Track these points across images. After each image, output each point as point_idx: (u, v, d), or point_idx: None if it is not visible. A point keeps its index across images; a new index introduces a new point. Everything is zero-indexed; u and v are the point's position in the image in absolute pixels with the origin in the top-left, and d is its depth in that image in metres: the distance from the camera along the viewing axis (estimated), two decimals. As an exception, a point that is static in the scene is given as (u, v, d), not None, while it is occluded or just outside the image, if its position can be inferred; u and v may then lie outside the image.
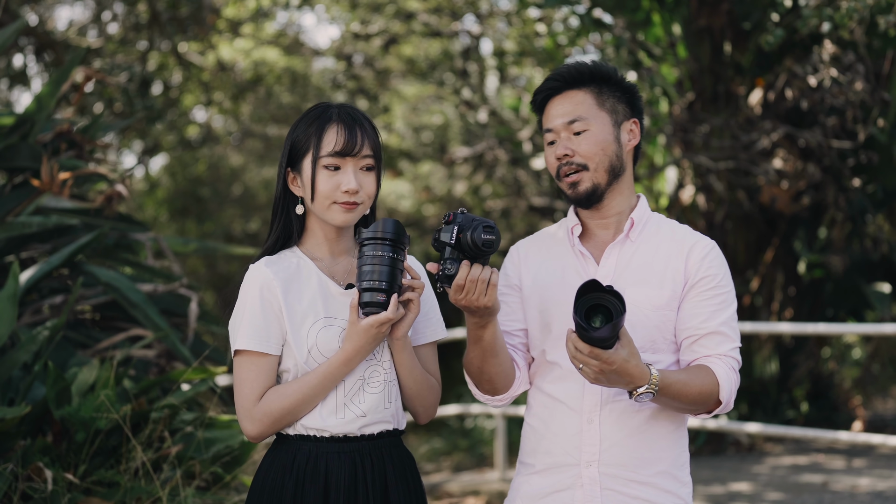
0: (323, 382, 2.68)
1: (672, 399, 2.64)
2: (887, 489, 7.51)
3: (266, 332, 2.71)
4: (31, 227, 5.37)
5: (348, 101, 14.20)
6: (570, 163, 2.76)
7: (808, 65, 9.45)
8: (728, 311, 2.76)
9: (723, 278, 2.77)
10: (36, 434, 4.55)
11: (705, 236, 2.83)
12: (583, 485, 2.73)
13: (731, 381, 2.72)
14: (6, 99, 13.02)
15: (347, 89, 14.29)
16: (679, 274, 2.76)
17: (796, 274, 10.74)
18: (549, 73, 2.88)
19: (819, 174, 9.90)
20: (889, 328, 7.06)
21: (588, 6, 10.04)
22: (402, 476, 2.77)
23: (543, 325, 2.80)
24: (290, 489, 2.70)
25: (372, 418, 2.73)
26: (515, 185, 13.03)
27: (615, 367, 2.51)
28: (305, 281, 2.75)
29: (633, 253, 2.79)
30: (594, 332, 2.46)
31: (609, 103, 2.79)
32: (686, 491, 2.79)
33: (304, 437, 2.73)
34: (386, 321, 2.63)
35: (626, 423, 2.73)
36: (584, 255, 2.81)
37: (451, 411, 9.78)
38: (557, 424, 2.77)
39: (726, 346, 2.74)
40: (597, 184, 2.76)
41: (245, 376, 2.72)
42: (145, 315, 5.37)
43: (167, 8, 11.90)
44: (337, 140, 2.70)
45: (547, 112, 2.83)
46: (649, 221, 2.84)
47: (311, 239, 2.81)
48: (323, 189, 2.71)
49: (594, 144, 2.75)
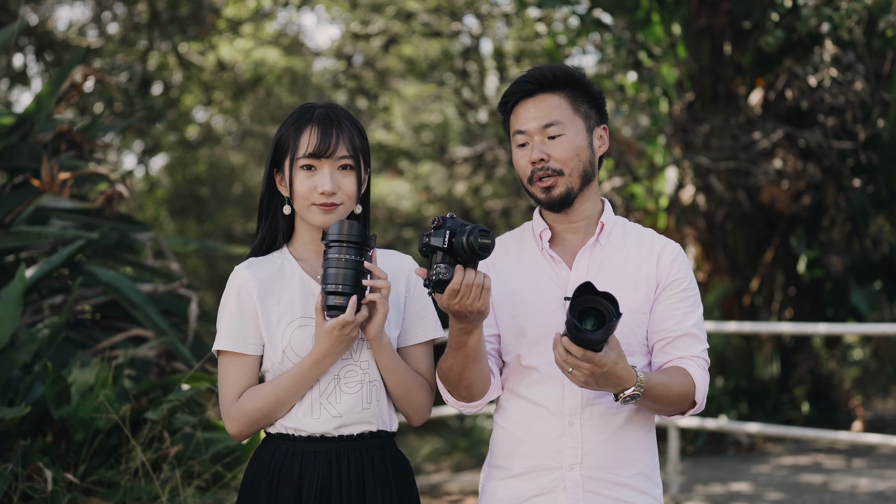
0: (295, 384, 2.70)
1: (653, 401, 2.66)
2: (887, 489, 7.51)
3: (243, 333, 2.74)
4: (47, 238, 5.37)
5: (348, 102, 14.23)
6: (545, 168, 2.76)
7: (808, 65, 9.45)
8: (697, 312, 2.80)
9: (691, 281, 2.81)
10: (36, 434, 4.55)
11: (671, 240, 2.86)
12: (565, 488, 2.73)
13: (705, 381, 2.76)
14: (6, 99, 13.02)
15: (347, 89, 14.30)
16: (651, 276, 2.78)
17: (796, 274, 10.74)
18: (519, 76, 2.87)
19: (819, 174, 9.90)
20: (889, 328, 7.06)
21: (588, 6, 10.04)
22: (385, 480, 2.74)
23: (517, 329, 2.79)
24: (265, 486, 2.73)
25: (349, 419, 2.73)
26: (515, 185, 13.03)
27: (605, 370, 2.52)
28: (287, 281, 2.77)
29: (603, 257, 2.80)
30: (589, 334, 2.46)
31: (583, 108, 2.79)
32: (658, 492, 2.82)
33: (283, 435, 2.75)
34: (345, 324, 2.62)
35: (606, 425, 2.74)
36: (555, 260, 2.81)
37: (451, 411, 9.78)
38: (537, 428, 2.76)
39: (698, 347, 2.77)
40: (570, 188, 2.77)
41: (224, 376, 2.76)
42: (145, 315, 5.37)
43: (167, 8, 11.91)
44: (310, 141, 2.71)
45: (518, 113, 2.80)
46: (616, 225, 2.85)
47: (298, 239, 2.82)
48: (300, 190, 2.72)
49: (570, 150, 2.76)
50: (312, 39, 22.89)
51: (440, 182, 15.29)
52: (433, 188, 15.25)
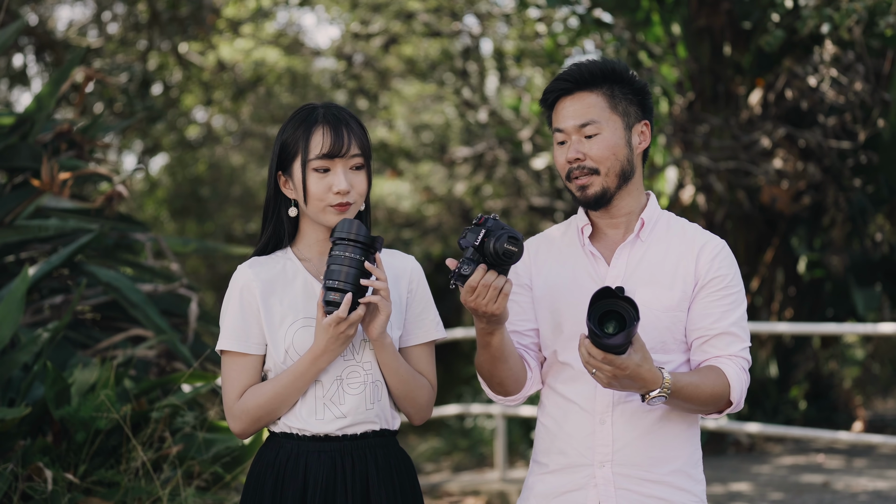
0: (294, 382, 2.71)
1: (684, 401, 2.65)
2: (887, 489, 7.51)
3: (245, 333, 2.75)
4: (47, 230, 5.37)
5: (348, 101, 14.23)
6: (581, 166, 2.74)
7: (808, 65, 9.45)
8: (738, 311, 2.76)
9: (733, 278, 2.77)
10: (36, 434, 4.55)
11: (716, 236, 2.82)
12: (596, 484, 2.74)
13: (742, 381, 2.72)
14: (6, 99, 13.01)
15: (347, 89, 14.29)
16: (690, 274, 2.76)
17: (796, 274, 10.74)
18: (559, 72, 2.84)
19: (819, 174, 9.90)
20: (889, 328, 7.06)
21: (588, 6, 10.04)
22: (388, 478, 2.76)
23: (555, 325, 2.80)
24: (270, 486, 2.74)
25: (354, 419, 2.74)
26: (515, 185, 13.03)
27: (628, 373, 2.52)
28: (290, 281, 2.78)
29: (643, 253, 2.78)
30: (608, 339, 2.47)
31: (622, 106, 2.77)
32: (700, 488, 2.81)
33: (287, 434, 2.76)
34: (338, 320, 2.63)
35: (638, 423, 2.74)
36: (595, 256, 2.80)
37: (451, 411, 9.79)
38: (571, 425, 2.78)
39: (737, 346, 2.74)
40: (606, 188, 2.75)
41: (227, 375, 2.78)
42: (145, 315, 5.37)
43: (167, 8, 11.90)
44: (324, 142, 2.71)
45: (557, 111, 2.79)
46: (659, 221, 2.83)
47: (303, 240, 2.82)
48: (315, 192, 2.72)
49: (606, 149, 2.74)
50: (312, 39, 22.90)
51: (440, 182, 15.28)
52: (433, 188, 15.24)
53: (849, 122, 9.60)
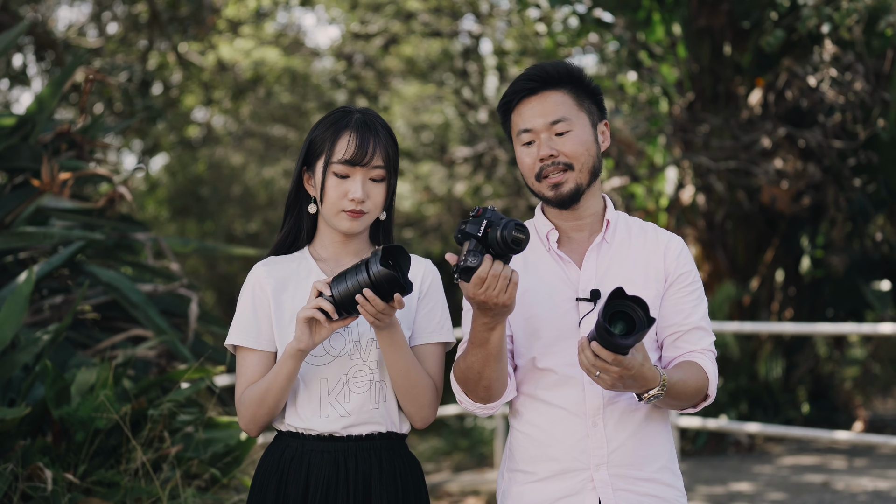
0: (274, 375, 2.70)
1: (674, 398, 2.68)
2: (887, 489, 7.51)
3: (256, 329, 2.77)
4: (52, 238, 5.36)
5: (348, 101, 14.25)
6: (555, 163, 2.74)
7: (808, 65, 9.45)
8: (703, 305, 2.83)
9: (696, 274, 2.84)
10: (36, 434, 4.55)
11: (672, 233, 2.87)
12: (595, 488, 2.73)
13: (716, 374, 2.79)
14: (6, 99, 13.02)
15: (347, 89, 14.30)
16: (660, 272, 2.79)
17: (796, 274, 10.74)
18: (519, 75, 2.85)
19: (819, 174, 9.90)
20: (889, 328, 7.06)
21: (589, 6, 10.05)
22: (392, 481, 2.75)
23: (531, 332, 2.78)
24: (274, 484, 2.75)
25: (357, 419, 2.74)
26: (515, 185, 13.03)
27: (633, 373, 2.53)
28: (303, 281, 2.79)
29: (612, 254, 2.80)
30: (621, 339, 2.46)
31: (586, 104, 2.79)
32: (680, 483, 2.85)
33: (293, 434, 2.77)
34: (307, 318, 2.62)
35: (628, 423, 2.75)
36: (564, 260, 2.79)
37: (451, 411, 9.78)
38: (561, 431, 2.76)
39: (707, 340, 2.80)
40: (580, 184, 2.76)
41: (239, 371, 2.81)
42: (146, 315, 5.37)
43: (167, 8, 11.91)
44: (348, 148, 2.72)
45: (521, 112, 2.78)
46: (619, 221, 2.85)
47: (320, 240, 2.84)
48: (331, 195, 2.74)
49: (579, 145, 2.75)
50: (312, 39, 22.90)
51: (440, 182, 15.29)
52: (433, 188, 15.25)
53: (849, 121, 9.60)
